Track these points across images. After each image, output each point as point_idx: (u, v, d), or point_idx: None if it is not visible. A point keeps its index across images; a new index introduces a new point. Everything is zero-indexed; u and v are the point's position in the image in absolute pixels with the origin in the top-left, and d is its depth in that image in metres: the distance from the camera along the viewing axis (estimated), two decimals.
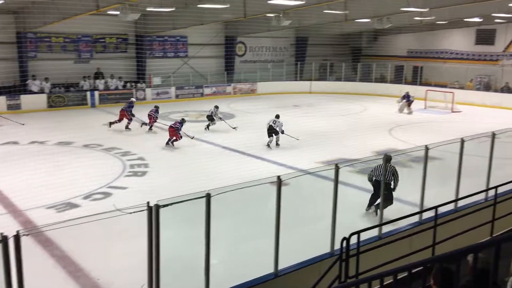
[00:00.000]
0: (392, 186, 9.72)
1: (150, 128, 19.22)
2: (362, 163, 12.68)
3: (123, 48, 27.56)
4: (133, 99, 21.15)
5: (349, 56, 38.00)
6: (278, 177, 6.23)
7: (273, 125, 16.17)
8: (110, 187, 12.03)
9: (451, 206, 8.41)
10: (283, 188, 6.36)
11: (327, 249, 6.99)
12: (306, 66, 34.71)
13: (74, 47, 25.71)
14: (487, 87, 30.21)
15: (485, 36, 32.13)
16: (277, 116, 16.54)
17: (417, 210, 8.06)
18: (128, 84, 26.97)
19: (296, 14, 23.33)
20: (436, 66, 33.56)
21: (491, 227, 7.91)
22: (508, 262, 3.66)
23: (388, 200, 9.32)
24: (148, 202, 5.27)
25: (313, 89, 32.67)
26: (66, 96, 24.57)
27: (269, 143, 16.37)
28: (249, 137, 17.86)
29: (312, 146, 16.76)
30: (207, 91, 29.44)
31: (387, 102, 27.95)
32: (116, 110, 20.41)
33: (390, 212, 8.17)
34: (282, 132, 16.31)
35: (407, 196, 10.11)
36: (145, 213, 5.25)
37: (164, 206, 5.26)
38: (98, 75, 26.29)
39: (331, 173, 7.01)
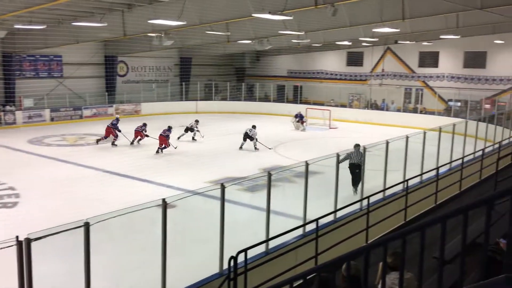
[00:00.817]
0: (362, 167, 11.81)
1: (133, 142, 20.47)
2: (249, 181, 12.92)
3: None
4: (117, 116, 21.95)
5: (234, 76, 38.96)
6: (163, 199, 6.07)
7: (248, 132, 19.89)
8: None
9: (331, 217, 8.90)
10: (170, 211, 6.20)
11: (216, 270, 6.94)
12: (192, 86, 34.76)
13: None
14: (371, 106, 32.42)
15: (354, 58, 35.17)
16: (254, 126, 20.35)
17: (301, 223, 8.39)
18: None
19: (178, 34, 23.32)
20: (314, 85, 35.83)
21: (366, 234, 8.51)
22: (377, 269, 3.95)
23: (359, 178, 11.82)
24: (17, 236, 4.78)
25: (199, 109, 32.79)
26: None
27: (242, 146, 19.90)
28: (135, 160, 17.26)
29: (200, 166, 16.71)
30: (86, 112, 27.93)
31: (271, 120, 29.01)
32: None
33: (276, 227, 8.38)
34: (256, 139, 19.82)
35: (292, 210, 10.48)
36: (15, 249, 4.75)
37: (37, 239, 4.81)
38: None
39: (219, 193, 7.02)
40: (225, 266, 6.58)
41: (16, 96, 25.63)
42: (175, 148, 19.04)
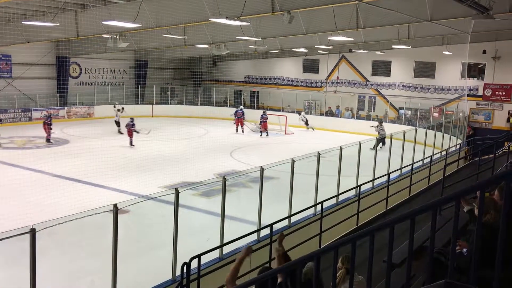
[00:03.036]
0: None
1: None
2: (205, 186, 12.83)
3: None
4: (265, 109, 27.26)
5: (191, 80, 38.66)
6: (115, 205, 5.93)
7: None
8: None
9: (285, 223, 8.97)
10: (123, 216, 6.07)
11: (169, 276, 6.83)
12: (147, 90, 34.21)
13: None
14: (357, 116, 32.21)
15: (310, 65, 35.75)
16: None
17: (256, 228, 8.41)
18: None
19: (134, 36, 22.93)
20: (271, 91, 36.12)
21: (319, 239, 8.63)
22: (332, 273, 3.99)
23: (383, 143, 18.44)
24: None
25: (155, 113, 32.32)
26: None
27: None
28: (86, 164, 16.74)
29: (155, 170, 16.43)
30: (36, 114, 26.87)
31: (228, 125, 28.97)
32: None
33: (230, 232, 8.37)
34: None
35: (247, 215, 10.50)
36: None
37: None
38: None
39: (173, 198, 6.92)
40: (178, 272, 6.50)
41: None
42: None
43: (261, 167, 8.50)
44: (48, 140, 20.83)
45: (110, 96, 31.91)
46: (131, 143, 20.89)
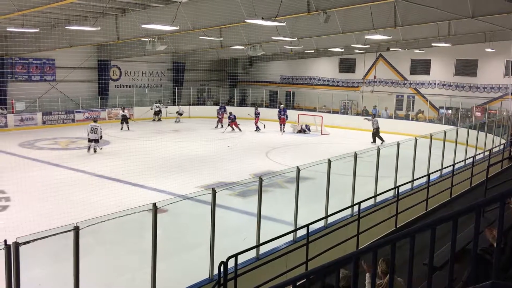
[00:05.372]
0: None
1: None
2: (241, 186, 12.88)
3: None
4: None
5: (226, 81, 38.99)
6: (154, 204, 6.05)
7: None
8: None
9: (322, 223, 8.90)
10: (161, 215, 6.18)
11: (206, 275, 6.91)
12: (184, 91, 34.74)
13: None
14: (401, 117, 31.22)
15: (347, 65, 35.35)
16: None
17: (292, 228, 8.38)
18: None
19: (172, 39, 23.32)
20: (306, 91, 35.93)
21: (356, 241, 8.52)
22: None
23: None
24: (5, 240, 4.73)
25: (192, 114, 32.75)
26: None
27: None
28: (126, 164, 17.16)
29: (192, 170, 16.64)
30: (78, 116, 27.80)
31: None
32: None
33: (266, 232, 8.38)
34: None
35: (282, 215, 10.48)
36: (2, 253, 4.70)
37: (25, 243, 4.76)
38: None
39: (210, 197, 7.00)
40: (215, 271, 6.56)
41: (8, 99, 25.47)
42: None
43: (297, 167, 8.47)
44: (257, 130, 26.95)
45: (149, 98, 32.60)
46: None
